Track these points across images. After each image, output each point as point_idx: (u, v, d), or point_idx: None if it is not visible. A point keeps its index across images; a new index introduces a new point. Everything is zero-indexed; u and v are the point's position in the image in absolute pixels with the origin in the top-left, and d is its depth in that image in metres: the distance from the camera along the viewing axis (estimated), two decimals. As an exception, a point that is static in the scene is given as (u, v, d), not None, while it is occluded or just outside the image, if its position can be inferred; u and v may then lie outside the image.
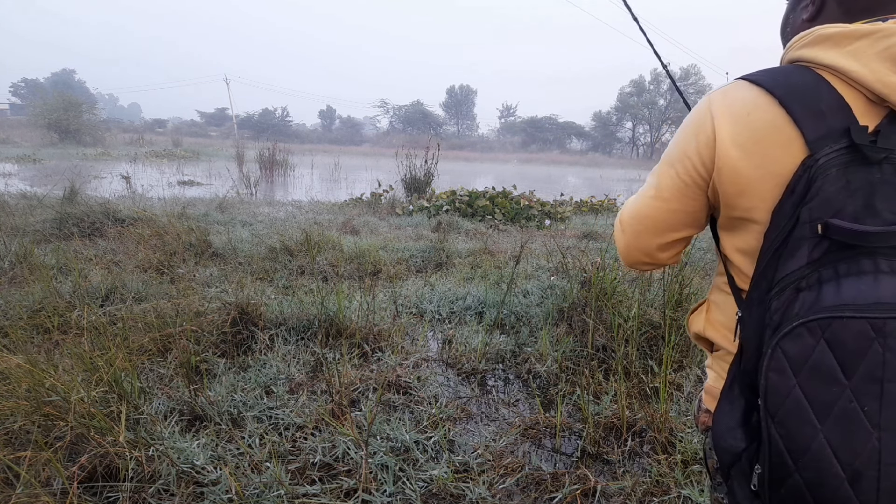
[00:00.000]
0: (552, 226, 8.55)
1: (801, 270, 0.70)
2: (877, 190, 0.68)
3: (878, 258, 0.67)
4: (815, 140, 0.70)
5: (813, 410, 0.67)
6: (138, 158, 21.80)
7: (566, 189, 15.88)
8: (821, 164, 0.69)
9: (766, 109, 0.74)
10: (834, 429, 0.67)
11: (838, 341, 0.66)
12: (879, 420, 0.65)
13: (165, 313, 3.08)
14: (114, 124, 49.63)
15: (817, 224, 0.69)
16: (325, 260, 4.94)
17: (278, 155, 15.27)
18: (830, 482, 0.67)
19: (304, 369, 2.76)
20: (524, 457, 2.17)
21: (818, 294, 0.68)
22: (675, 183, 0.85)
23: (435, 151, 10.45)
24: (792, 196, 0.71)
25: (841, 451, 0.66)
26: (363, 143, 69.52)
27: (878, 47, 0.70)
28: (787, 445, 0.69)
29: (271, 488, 1.83)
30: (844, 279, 0.67)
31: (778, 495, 0.71)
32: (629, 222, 0.95)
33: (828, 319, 0.66)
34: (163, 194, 9.86)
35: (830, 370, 0.66)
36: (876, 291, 0.66)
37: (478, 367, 2.97)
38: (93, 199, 7.17)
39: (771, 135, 0.73)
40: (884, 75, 0.69)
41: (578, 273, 3.69)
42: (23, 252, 4.27)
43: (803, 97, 0.72)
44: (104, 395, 2.17)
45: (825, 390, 0.67)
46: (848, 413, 0.66)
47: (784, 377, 0.68)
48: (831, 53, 0.73)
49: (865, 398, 0.65)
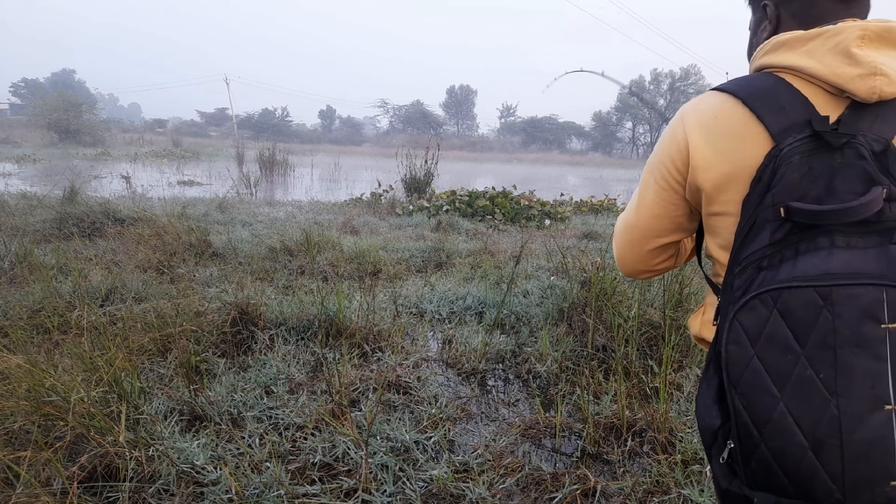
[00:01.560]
0: (552, 226, 8.55)
1: (763, 251, 0.74)
2: (837, 173, 0.72)
3: (835, 235, 0.71)
4: (779, 132, 0.76)
5: (772, 379, 0.70)
6: (138, 158, 21.80)
7: (566, 189, 15.88)
8: (784, 154, 0.75)
9: (731, 110, 0.81)
10: (793, 397, 0.69)
11: (789, 310, 0.69)
12: (836, 387, 0.67)
13: (165, 313, 3.08)
14: (114, 124, 49.62)
15: (779, 208, 0.73)
16: (325, 260, 4.94)
17: (278, 155, 15.26)
18: (794, 451, 0.69)
19: (304, 369, 2.76)
20: (524, 457, 2.17)
21: (777, 271, 0.72)
22: (655, 190, 0.92)
23: (435, 151, 10.45)
24: (759, 185, 0.76)
25: (802, 419, 0.68)
26: (363, 143, 69.50)
27: (829, 44, 0.77)
28: (751, 416, 0.71)
29: (271, 488, 1.83)
30: (802, 256, 0.71)
31: (749, 469, 0.73)
32: (620, 232, 1.01)
33: (778, 290, 0.70)
34: (163, 194, 9.86)
35: (784, 339, 0.69)
36: (827, 264, 0.69)
37: (478, 367, 2.97)
38: (93, 199, 7.17)
39: (738, 132, 0.80)
40: (837, 67, 0.75)
41: (578, 273, 3.69)
42: (23, 252, 4.27)
43: (764, 96, 0.79)
44: (104, 395, 2.17)
45: (781, 359, 0.69)
46: (804, 381, 0.68)
47: (742, 348, 0.72)
48: (789, 55, 0.80)
49: (820, 365, 0.68)
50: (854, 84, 0.74)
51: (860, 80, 0.74)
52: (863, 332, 0.67)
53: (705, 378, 0.82)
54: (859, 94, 0.74)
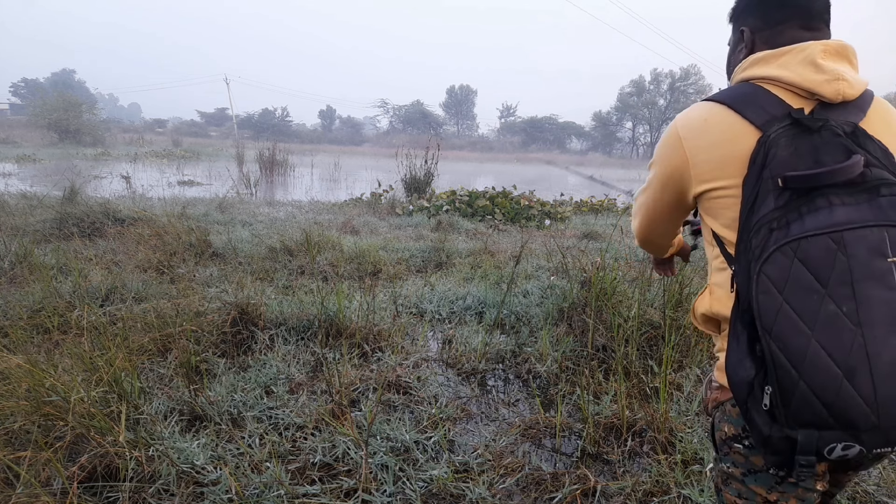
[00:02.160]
0: (552, 226, 8.55)
1: (772, 213, 0.85)
2: (820, 149, 0.86)
3: (830, 196, 0.82)
4: (763, 124, 0.90)
5: (802, 319, 0.79)
6: (138, 158, 21.79)
7: (566, 189, 15.87)
8: (772, 138, 0.88)
9: (718, 113, 0.96)
10: (823, 332, 0.78)
11: (808, 256, 0.80)
12: (858, 317, 0.77)
13: (165, 313, 3.08)
14: (114, 124, 49.59)
15: (777, 179, 0.85)
16: (325, 260, 4.94)
17: (278, 155, 15.23)
18: (831, 382, 0.77)
19: (304, 369, 2.76)
20: (524, 457, 2.17)
21: (787, 230, 0.82)
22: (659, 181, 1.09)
23: (435, 151, 10.45)
24: (755, 165, 0.89)
25: (833, 350, 0.77)
26: (363, 143, 69.48)
27: (798, 57, 0.94)
28: (788, 357, 0.79)
29: (271, 488, 1.83)
30: (807, 215, 0.82)
31: (790, 410, 0.80)
32: (636, 208, 1.21)
33: (796, 241, 0.81)
34: (163, 194, 9.86)
35: (808, 282, 0.79)
36: (831, 218, 0.80)
37: (478, 367, 2.97)
38: (93, 199, 7.17)
39: (727, 130, 0.94)
40: (807, 75, 0.92)
41: (578, 273, 3.69)
42: (23, 252, 4.27)
43: (746, 99, 0.95)
44: (104, 395, 2.17)
45: (808, 300, 0.79)
46: (831, 316, 0.78)
47: (771, 296, 0.81)
48: (765, 68, 0.97)
49: (842, 300, 0.77)
50: (822, 87, 0.90)
51: (827, 84, 0.90)
52: (874, 266, 0.78)
53: (733, 336, 0.90)
54: (826, 95, 0.90)
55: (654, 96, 70.62)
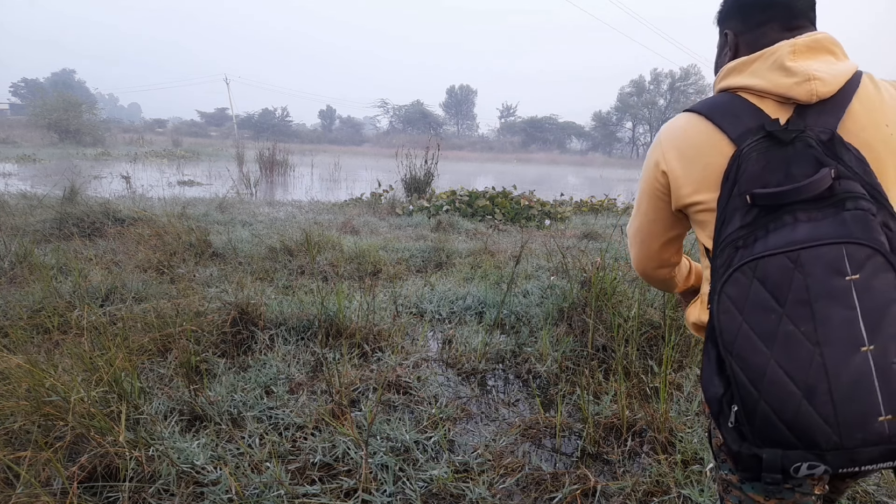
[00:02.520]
0: (552, 226, 8.55)
1: (737, 232, 0.85)
2: (792, 161, 0.85)
3: (797, 212, 0.82)
4: (738, 137, 0.90)
5: (760, 339, 0.79)
6: (138, 158, 21.79)
7: (566, 189, 15.87)
8: (744, 153, 0.88)
9: (695, 125, 0.97)
10: (781, 352, 0.78)
11: (766, 276, 0.80)
12: (817, 337, 0.76)
13: (165, 313, 3.08)
14: (114, 124, 49.61)
15: (745, 196, 0.86)
16: (325, 260, 4.94)
17: (278, 155, 15.24)
18: (790, 401, 0.76)
19: (304, 369, 2.76)
20: (524, 457, 2.17)
21: (752, 248, 0.83)
22: (647, 200, 1.09)
23: (435, 151, 10.45)
24: (727, 182, 0.90)
25: (791, 369, 0.77)
26: (363, 143, 69.46)
27: (768, 63, 0.93)
28: (748, 375, 0.79)
29: (271, 488, 1.83)
30: (771, 233, 0.82)
31: (755, 427, 0.80)
32: (632, 236, 1.18)
33: (754, 261, 0.81)
34: (163, 194, 9.86)
35: (766, 301, 0.80)
36: (792, 235, 0.80)
37: (478, 367, 2.97)
38: (93, 199, 7.17)
39: (704, 142, 0.95)
40: (777, 80, 0.91)
41: (578, 273, 3.69)
42: (23, 252, 4.27)
43: (721, 109, 0.95)
44: (104, 395, 2.17)
45: (766, 319, 0.79)
46: (789, 335, 0.78)
47: (731, 316, 0.82)
48: (738, 78, 0.97)
49: (800, 320, 0.77)
50: (794, 91, 0.89)
51: (797, 86, 0.89)
52: (831, 285, 0.77)
53: (706, 354, 0.91)
54: (800, 97, 0.89)
55: (654, 96, 70.61)
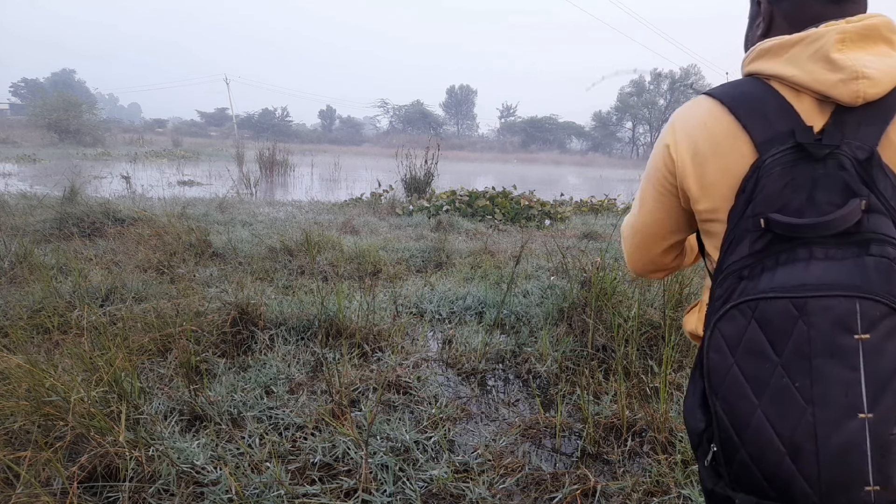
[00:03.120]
0: (552, 226, 8.55)
1: (744, 260, 0.76)
2: (818, 184, 0.74)
3: (813, 247, 0.72)
4: (763, 143, 0.77)
5: (750, 387, 0.72)
6: (138, 158, 21.79)
7: (566, 189, 15.87)
8: (766, 165, 0.76)
9: (718, 118, 0.82)
10: (770, 404, 0.71)
11: (766, 320, 0.71)
12: (812, 395, 0.69)
13: (165, 313, 3.08)
14: (114, 124, 49.65)
15: (759, 218, 0.75)
16: (325, 260, 4.94)
17: (278, 155, 15.25)
18: (772, 456, 0.71)
19: (304, 369, 2.76)
20: (524, 457, 2.17)
21: (757, 282, 0.74)
22: (653, 195, 0.95)
23: (435, 151, 10.45)
24: (743, 195, 0.78)
25: (779, 425, 0.70)
26: (363, 143, 69.47)
27: (809, 51, 0.77)
28: (731, 421, 0.73)
29: (271, 488, 1.83)
30: (781, 267, 0.73)
31: (732, 471, 0.75)
32: (628, 237, 1.04)
33: (755, 301, 0.72)
34: (163, 194, 9.86)
35: (761, 348, 0.72)
36: (803, 275, 0.71)
37: (478, 367, 2.97)
38: (93, 199, 7.17)
39: (725, 141, 0.81)
40: (819, 74, 0.76)
41: (578, 273, 3.69)
42: (23, 252, 4.27)
43: (750, 104, 0.80)
44: (104, 395, 2.17)
45: (759, 367, 0.72)
46: (781, 389, 0.70)
47: (722, 356, 0.75)
48: (772, 63, 0.81)
49: (796, 374, 0.70)
50: (837, 90, 0.74)
51: (842, 85, 0.74)
52: (837, 343, 0.68)
53: (692, 381, 0.85)
54: (843, 99, 0.75)
55: (654, 96, 70.62)
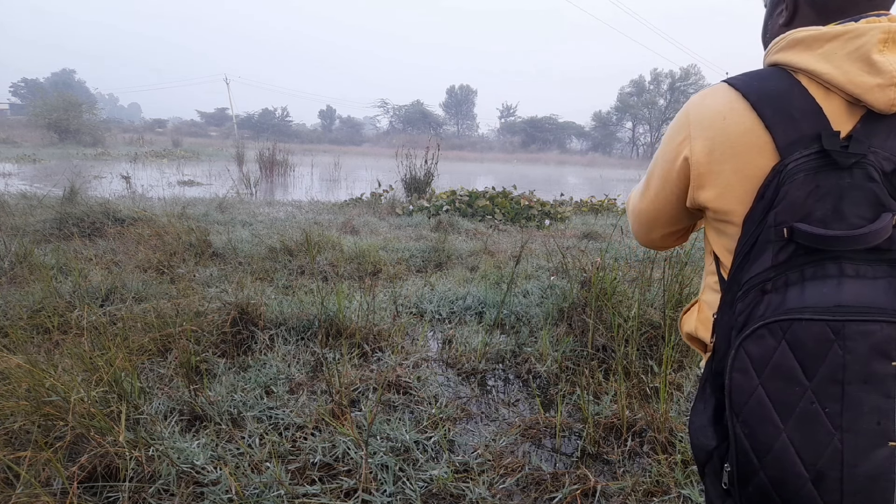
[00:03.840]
0: (552, 226, 8.55)
1: (767, 273, 0.71)
2: (845, 194, 0.69)
3: (843, 262, 0.68)
4: (786, 145, 0.72)
5: (776, 410, 0.68)
6: (138, 158, 21.79)
7: (566, 189, 15.87)
8: (789, 170, 0.71)
9: (739, 114, 0.76)
10: (796, 429, 0.67)
11: (799, 343, 0.67)
12: (841, 422, 0.66)
13: (165, 313, 3.08)
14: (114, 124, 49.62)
15: (783, 228, 0.70)
16: (325, 260, 4.94)
17: (278, 155, 15.25)
18: (794, 481, 0.68)
19: (304, 369, 2.76)
20: (524, 457, 2.17)
21: (784, 297, 0.69)
22: (658, 183, 0.91)
23: (435, 151, 10.45)
24: (762, 201, 0.73)
25: (804, 451, 0.67)
26: (363, 143, 69.47)
27: (848, 48, 0.71)
28: (752, 444, 0.70)
29: (271, 488, 1.83)
30: (809, 282, 0.69)
31: (746, 493, 0.72)
32: (632, 217, 1.02)
33: (788, 321, 0.68)
34: (163, 194, 9.86)
35: (791, 371, 0.67)
36: (838, 295, 0.67)
37: (478, 367, 2.97)
38: (93, 199, 7.17)
39: (745, 140, 0.75)
40: (855, 76, 0.70)
41: (578, 273, 3.69)
42: (23, 252, 4.27)
43: (776, 102, 0.74)
44: (104, 395, 2.17)
45: (787, 391, 0.68)
46: (809, 414, 0.67)
47: (747, 377, 0.70)
48: (804, 57, 0.74)
49: (827, 400, 0.66)
50: (872, 95, 0.69)
51: (879, 90, 0.69)
52: (873, 369, 0.65)
53: (701, 398, 0.81)
54: (877, 105, 0.70)
55: (654, 96, 70.63)
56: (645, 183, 0.96)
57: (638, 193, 0.99)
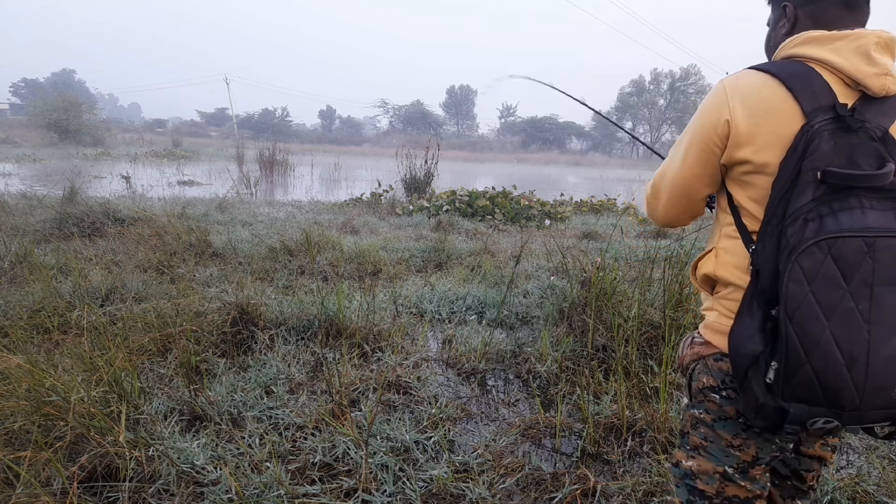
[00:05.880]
0: (552, 226, 8.55)
1: (808, 205, 0.90)
2: (856, 149, 0.92)
3: (861, 197, 0.89)
4: (811, 111, 0.94)
5: (822, 311, 0.87)
6: (138, 158, 21.79)
7: (566, 189, 15.87)
8: (816, 129, 0.93)
9: (772, 88, 0.98)
10: (837, 324, 0.87)
11: (841, 255, 0.87)
12: (870, 316, 0.87)
13: (165, 313, 3.08)
14: (114, 124, 49.51)
15: (817, 172, 0.91)
16: (325, 260, 4.94)
17: (278, 155, 15.24)
18: (833, 368, 0.87)
19: (304, 369, 2.76)
20: (524, 457, 2.17)
21: (820, 224, 0.89)
22: (697, 153, 1.08)
23: (435, 151, 10.45)
24: (794, 153, 0.94)
25: (842, 342, 0.86)
26: (363, 143, 69.42)
27: (852, 45, 0.97)
28: (801, 341, 0.88)
29: (271, 488, 1.83)
30: (839, 213, 0.89)
31: (790, 385, 0.90)
32: (667, 189, 1.17)
33: (833, 239, 0.87)
34: (163, 194, 9.86)
35: (835, 278, 0.87)
36: (865, 220, 0.88)
37: (478, 367, 2.97)
38: (93, 199, 7.17)
39: (777, 106, 0.97)
40: (859, 65, 0.96)
41: (578, 273, 3.69)
42: (23, 252, 4.27)
43: (801, 80, 0.97)
44: (104, 395, 2.17)
45: (832, 294, 0.87)
46: (847, 311, 0.87)
47: (800, 286, 0.88)
48: (818, 50, 0.99)
49: (860, 299, 0.87)
50: (871, 80, 0.94)
51: (875, 77, 0.94)
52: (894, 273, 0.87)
53: (747, 313, 0.97)
54: (873, 88, 0.94)
55: (654, 96, 70.62)
56: (679, 156, 1.12)
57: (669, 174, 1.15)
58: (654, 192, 1.20)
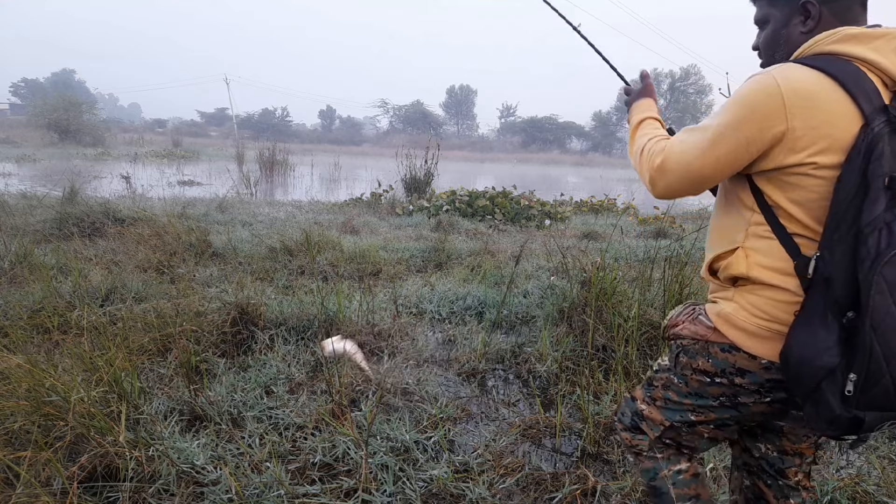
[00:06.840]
0: (552, 226, 8.55)
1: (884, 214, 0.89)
2: None
3: None
4: (870, 113, 0.93)
5: None
6: (138, 158, 21.77)
7: (566, 189, 15.87)
8: (877, 132, 0.91)
9: (829, 90, 0.95)
10: None
11: None
12: None
13: (165, 313, 3.08)
14: (114, 124, 49.47)
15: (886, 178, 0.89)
16: (325, 260, 4.94)
17: (278, 155, 15.24)
18: None
19: (304, 369, 2.76)
20: (524, 457, 2.17)
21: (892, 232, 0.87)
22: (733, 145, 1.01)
23: (435, 151, 10.44)
24: (858, 156, 0.92)
25: None
26: (363, 143, 69.41)
27: (893, 45, 0.96)
28: (884, 351, 0.87)
29: (271, 488, 1.83)
30: None
31: (868, 396, 0.89)
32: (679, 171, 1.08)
33: None
34: (163, 194, 9.85)
35: None
36: None
37: (478, 367, 2.97)
38: (93, 199, 7.16)
39: (837, 110, 0.94)
40: None
41: (578, 273, 3.68)
42: (23, 252, 4.26)
43: (855, 81, 0.95)
44: (104, 395, 2.17)
45: None
46: None
47: (884, 297, 0.86)
48: (860, 48, 0.97)
49: None
50: None
51: None
52: None
53: (822, 325, 0.94)
54: None
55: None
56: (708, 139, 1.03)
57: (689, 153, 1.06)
58: (661, 169, 1.09)
